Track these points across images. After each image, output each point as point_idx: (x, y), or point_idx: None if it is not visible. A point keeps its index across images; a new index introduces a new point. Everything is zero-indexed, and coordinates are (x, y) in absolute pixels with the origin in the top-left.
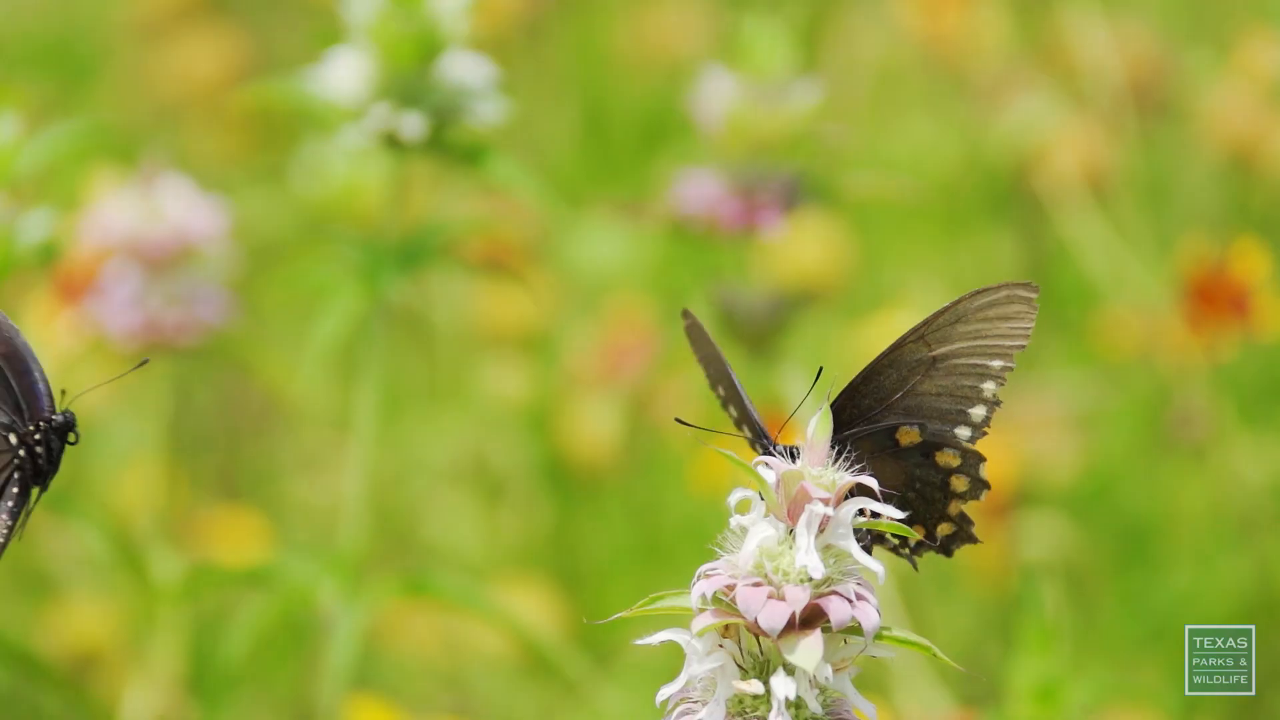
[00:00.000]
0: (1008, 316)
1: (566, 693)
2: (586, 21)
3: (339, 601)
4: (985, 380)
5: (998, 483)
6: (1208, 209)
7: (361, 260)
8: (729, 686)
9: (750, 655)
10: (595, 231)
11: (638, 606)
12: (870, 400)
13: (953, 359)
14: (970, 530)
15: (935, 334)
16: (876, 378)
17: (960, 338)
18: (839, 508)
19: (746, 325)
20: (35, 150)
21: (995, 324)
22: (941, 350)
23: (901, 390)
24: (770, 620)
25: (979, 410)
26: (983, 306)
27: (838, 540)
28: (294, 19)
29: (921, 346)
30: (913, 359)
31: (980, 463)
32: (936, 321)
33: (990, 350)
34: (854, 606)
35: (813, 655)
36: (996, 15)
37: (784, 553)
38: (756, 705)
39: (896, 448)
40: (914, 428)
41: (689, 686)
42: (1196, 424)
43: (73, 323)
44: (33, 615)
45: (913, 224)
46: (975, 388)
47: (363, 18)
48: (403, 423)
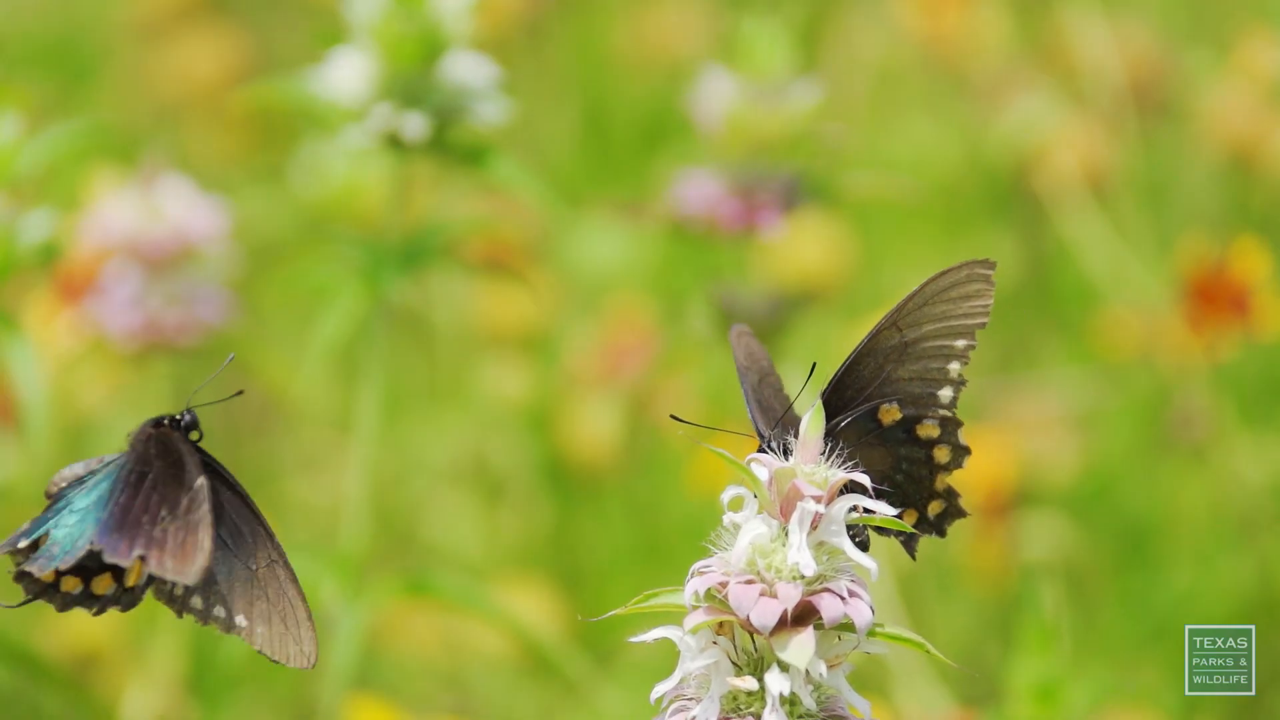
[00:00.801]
0: (969, 296)
1: (566, 693)
2: (586, 21)
3: (340, 601)
4: (951, 361)
5: (998, 483)
6: (1208, 209)
7: (363, 260)
8: (723, 683)
9: (745, 652)
10: (595, 232)
11: (632, 604)
12: (852, 391)
13: (922, 342)
14: (958, 504)
15: (906, 319)
16: (856, 368)
17: (928, 320)
18: (831, 505)
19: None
20: (35, 150)
21: (958, 304)
22: (912, 335)
23: (879, 378)
24: (762, 618)
25: (946, 391)
26: (946, 287)
27: (830, 537)
28: (294, 19)
29: (894, 333)
30: (886, 345)
31: (958, 428)
32: (906, 306)
33: (954, 330)
34: (846, 603)
35: (804, 652)
36: (996, 15)
37: (776, 550)
38: (751, 702)
39: (880, 429)
40: (893, 404)
41: (684, 684)
42: (1196, 424)
43: (73, 323)
44: (33, 615)
45: (913, 224)
46: (942, 369)
47: (365, 18)
48: (403, 423)
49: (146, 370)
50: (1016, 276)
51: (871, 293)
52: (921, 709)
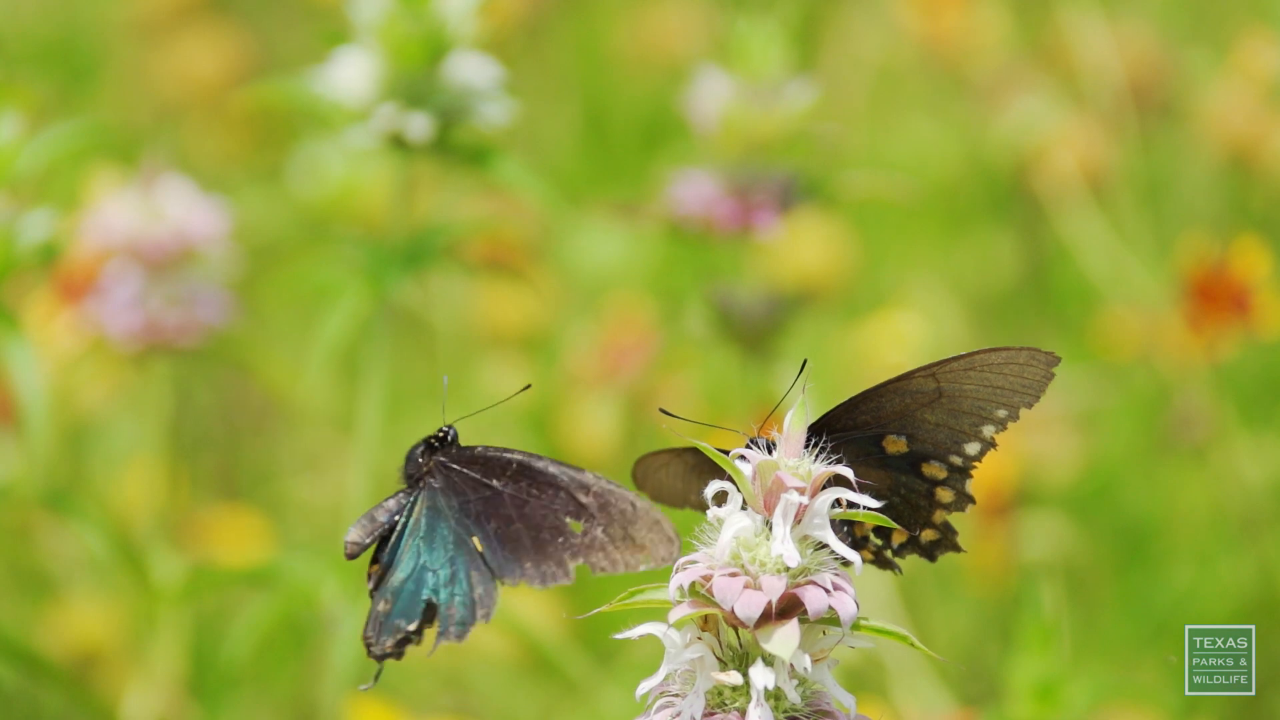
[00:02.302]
0: (1024, 375)
1: (566, 692)
2: (586, 21)
3: (342, 601)
4: (985, 424)
5: (998, 483)
6: (1208, 209)
7: (366, 260)
8: (708, 678)
9: (729, 648)
10: (595, 232)
11: (618, 601)
12: (868, 417)
13: (960, 399)
14: (954, 539)
15: (947, 374)
16: (878, 399)
17: (971, 382)
18: (815, 498)
19: (744, 325)
20: (35, 150)
21: (1009, 378)
22: (950, 389)
23: (902, 415)
24: (746, 609)
25: (974, 447)
26: (1000, 363)
27: (814, 530)
28: (294, 19)
29: (930, 381)
30: (918, 390)
31: (966, 479)
32: (950, 365)
33: (999, 400)
34: (831, 596)
35: (789, 644)
36: (996, 15)
37: (760, 543)
38: (735, 697)
39: (883, 454)
40: (901, 438)
41: (669, 680)
42: (1196, 424)
43: (73, 323)
44: (33, 615)
45: (913, 224)
46: (975, 428)
47: (370, 18)
48: (404, 422)
49: (147, 371)
50: (1016, 276)
51: (871, 293)
52: (921, 709)
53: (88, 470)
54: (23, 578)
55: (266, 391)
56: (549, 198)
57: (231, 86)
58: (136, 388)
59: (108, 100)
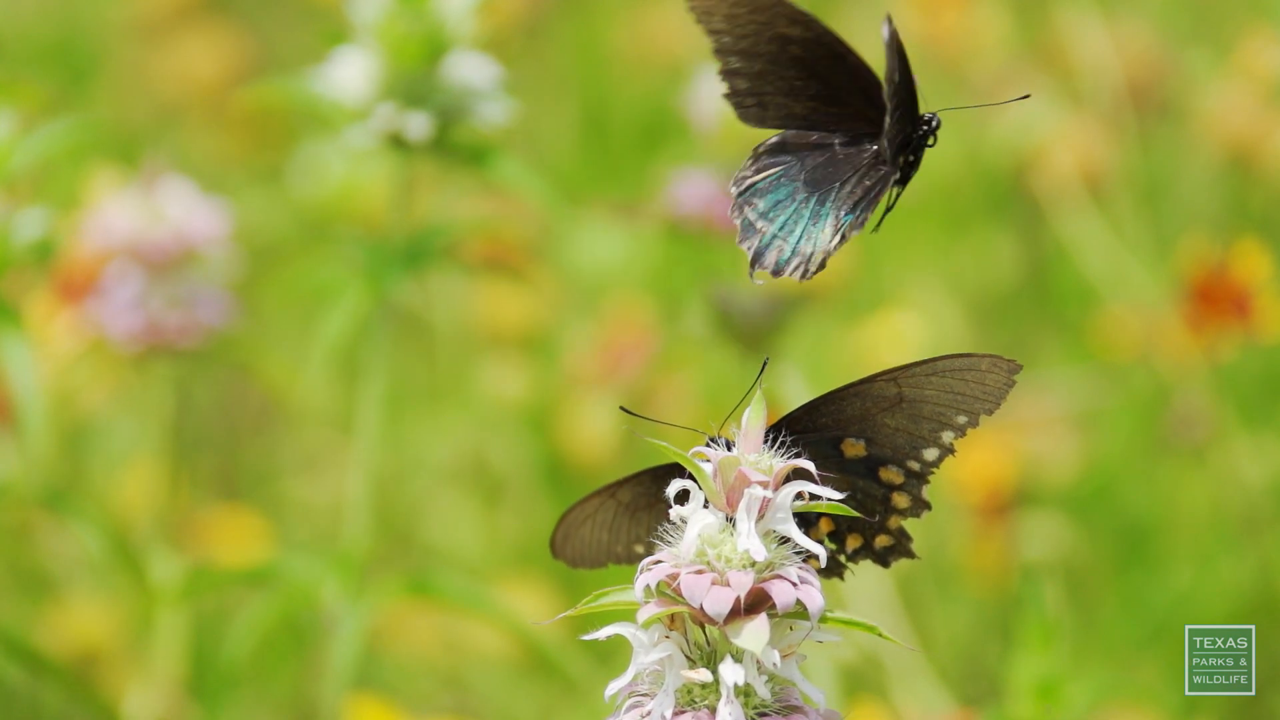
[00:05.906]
0: (985, 383)
1: (566, 692)
2: (586, 21)
3: (342, 601)
4: (945, 430)
5: (997, 483)
6: (1208, 209)
7: (366, 260)
8: (677, 677)
9: (698, 646)
10: (594, 232)
11: (583, 604)
12: (828, 420)
13: (921, 404)
14: (908, 545)
15: (909, 379)
16: (839, 402)
17: (933, 388)
18: (778, 491)
19: (743, 325)
20: (30, 147)
21: (971, 385)
22: (911, 394)
23: (862, 419)
24: (715, 605)
25: (932, 452)
26: (962, 369)
27: (778, 525)
28: (294, 19)
29: (892, 385)
30: (880, 394)
31: (923, 485)
32: (913, 370)
33: (959, 407)
34: (798, 589)
35: (759, 638)
36: (995, 15)
37: (725, 540)
38: (705, 694)
39: (841, 458)
40: (860, 441)
41: (637, 680)
42: (1196, 424)
43: (73, 324)
44: (33, 615)
45: (913, 224)
46: (935, 434)
47: (369, 18)
48: (403, 423)
49: (147, 372)
50: (1016, 277)
51: (871, 293)
52: (921, 709)
53: (87, 470)
54: (22, 578)
55: (266, 392)
56: (548, 197)
57: (231, 86)
58: (137, 388)
59: (107, 100)
